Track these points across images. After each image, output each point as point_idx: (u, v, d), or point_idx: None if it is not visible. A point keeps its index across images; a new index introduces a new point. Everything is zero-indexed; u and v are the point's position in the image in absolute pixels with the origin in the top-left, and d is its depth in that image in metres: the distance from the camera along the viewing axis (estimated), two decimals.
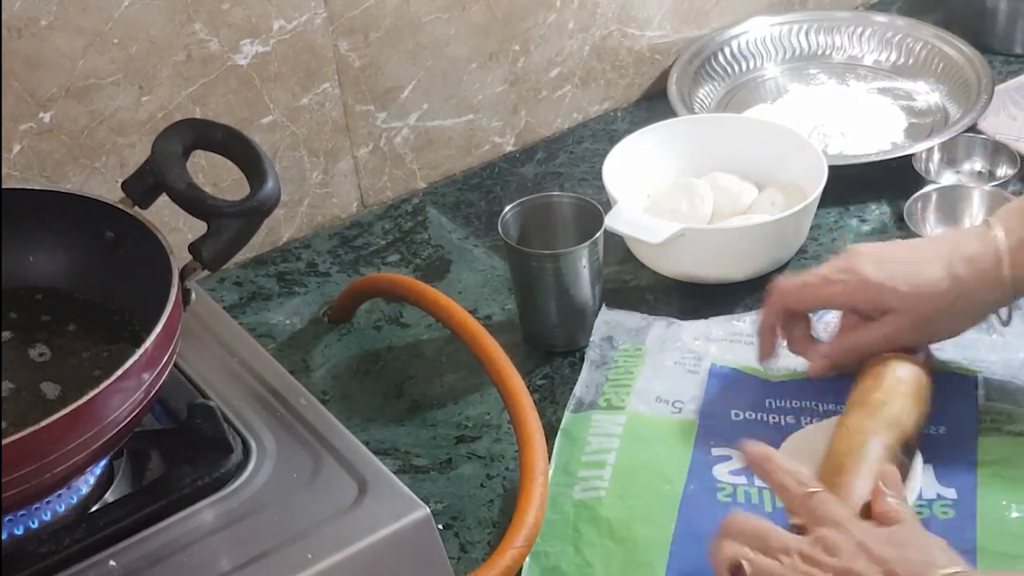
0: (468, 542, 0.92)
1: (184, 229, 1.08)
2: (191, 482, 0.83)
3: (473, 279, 1.18)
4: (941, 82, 1.37)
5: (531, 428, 0.91)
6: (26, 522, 0.81)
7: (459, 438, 1.01)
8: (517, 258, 1.05)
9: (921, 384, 0.91)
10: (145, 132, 1.10)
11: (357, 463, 0.85)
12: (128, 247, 0.89)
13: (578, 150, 1.35)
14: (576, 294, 1.05)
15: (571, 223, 1.08)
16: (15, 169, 1.06)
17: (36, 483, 0.75)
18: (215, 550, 0.80)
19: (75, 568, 0.79)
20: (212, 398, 0.89)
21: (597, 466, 0.94)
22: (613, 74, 1.38)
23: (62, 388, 0.85)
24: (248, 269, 1.21)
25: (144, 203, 0.89)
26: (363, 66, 1.20)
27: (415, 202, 1.29)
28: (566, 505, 0.91)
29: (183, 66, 1.10)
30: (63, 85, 1.05)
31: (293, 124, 1.19)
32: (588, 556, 0.87)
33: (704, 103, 1.37)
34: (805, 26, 1.45)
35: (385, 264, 1.21)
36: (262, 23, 1.13)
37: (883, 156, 1.24)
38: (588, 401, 1.00)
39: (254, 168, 0.87)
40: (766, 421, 0.96)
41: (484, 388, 1.04)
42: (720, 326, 1.06)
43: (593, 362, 1.04)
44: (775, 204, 1.15)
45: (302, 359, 1.10)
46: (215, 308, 1.02)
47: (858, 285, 0.92)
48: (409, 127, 1.27)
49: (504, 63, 1.30)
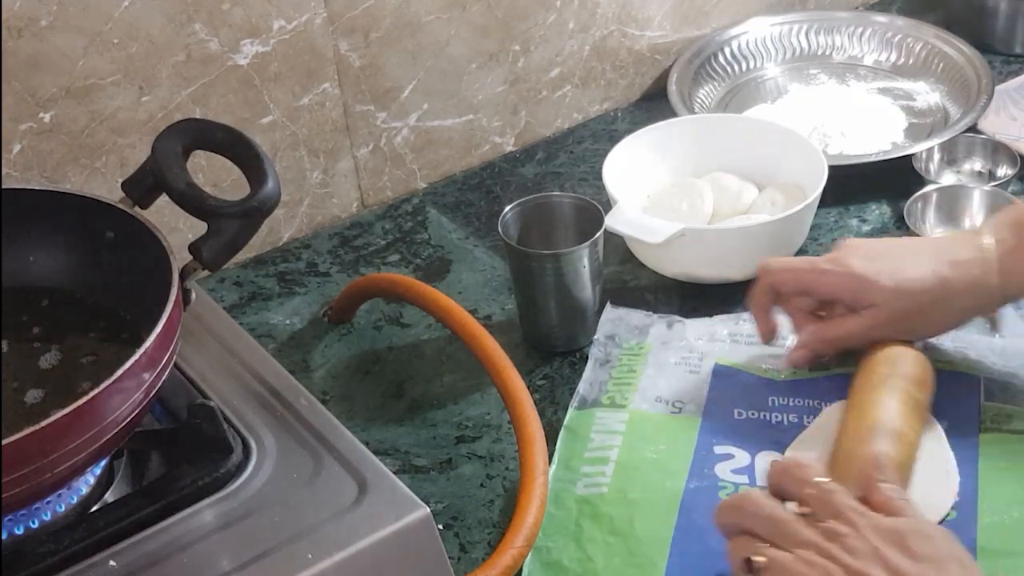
0: (468, 542, 0.92)
1: (184, 229, 1.08)
2: (191, 482, 0.83)
3: (473, 279, 1.18)
4: (941, 82, 1.37)
5: (531, 428, 0.91)
6: (26, 522, 0.81)
7: (459, 438, 1.01)
8: (517, 258, 1.05)
9: (919, 358, 0.92)
10: (145, 132, 1.10)
11: (357, 463, 0.84)
12: (128, 247, 0.89)
13: (578, 150, 1.35)
14: (576, 294, 1.05)
15: (571, 223, 1.08)
16: (15, 169, 1.06)
17: (36, 483, 0.75)
18: (215, 550, 0.80)
19: (75, 568, 0.79)
20: (212, 398, 0.89)
21: (600, 462, 0.94)
22: (613, 74, 1.38)
23: (62, 388, 0.85)
24: (248, 269, 1.21)
25: (144, 203, 0.89)
26: (363, 66, 1.20)
27: (415, 202, 1.29)
28: (568, 501, 0.91)
29: (183, 66, 1.10)
30: (63, 85, 1.05)
31: (293, 124, 1.19)
32: (589, 551, 0.87)
33: (704, 103, 1.37)
34: (805, 26, 1.45)
35: (385, 264, 1.21)
36: (262, 23, 1.13)
37: (883, 156, 1.24)
38: (592, 398, 1.00)
39: (254, 168, 0.87)
40: (768, 420, 0.96)
41: (484, 388, 1.04)
42: (724, 325, 1.06)
43: (597, 359, 1.04)
44: (775, 204, 1.15)
45: (302, 359, 1.10)
46: (215, 308, 1.02)
47: (843, 276, 0.93)
48: (409, 127, 1.27)
49: (504, 63, 1.30)
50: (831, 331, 0.96)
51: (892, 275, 0.92)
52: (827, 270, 0.94)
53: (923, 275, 0.92)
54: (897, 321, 0.93)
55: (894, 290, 0.92)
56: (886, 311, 0.92)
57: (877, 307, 0.93)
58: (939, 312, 0.93)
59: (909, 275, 0.92)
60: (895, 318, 0.93)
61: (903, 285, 0.92)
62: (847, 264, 0.94)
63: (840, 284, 0.94)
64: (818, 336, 0.97)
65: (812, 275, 0.95)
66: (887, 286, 0.92)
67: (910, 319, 0.93)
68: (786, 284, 0.97)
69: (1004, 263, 0.91)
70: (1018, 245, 0.91)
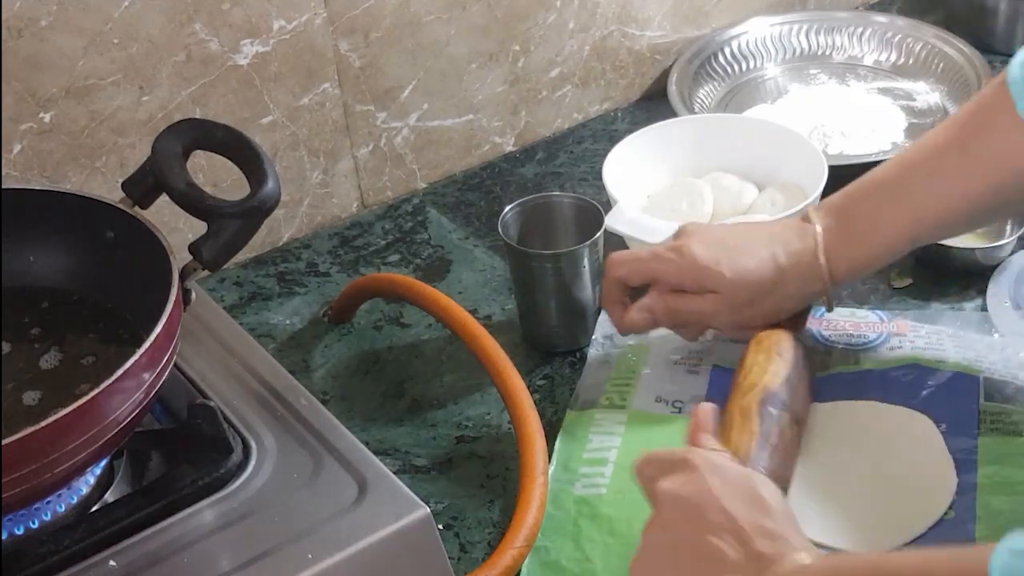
0: (468, 542, 0.92)
1: (184, 229, 1.08)
2: (191, 482, 0.83)
3: (473, 279, 1.18)
4: (941, 82, 1.37)
5: (531, 428, 0.91)
6: (26, 522, 0.81)
7: (459, 438, 1.01)
8: (517, 258, 1.05)
9: (779, 342, 0.94)
10: (145, 132, 1.10)
11: (357, 463, 0.85)
12: (128, 247, 0.89)
13: (578, 150, 1.35)
14: (576, 294, 1.05)
15: (571, 223, 1.08)
16: (15, 169, 1.06)
17: (36, 483, 0.75)
18: (215, 550, 0.80)
19: (75, 568, 0.79)
20: (212, 398, 0.89)
21: (598, 463, 0.94)
22: (613, 74, 1.38)
23: (61, 389, 0.85)
24: (248, 269, 1.21)
25: (144, 203, 0.89)
26: (363, 66, 1.20)
27: (415, 202, 1.29)
28: (567, 501, 0.91)
29: (183, 66, 1.10)
30: (63, 85, 1.05)
31: (293, 124, 1.19)
32: (588, 551, 0.88)
33: (704, 103, 1.37)
34: (805, 26, 1.45)
35: (385, 264, 1.21)
36: (262, 23, 1.13)
37: (883, 156, 1.23)
38: (590, 399, 1.00)
39: (254, 168, 0.87)
40: None
41: (484, 388, 1.04)
42: None
43: (595, 360, 1.04)
44: (775, 204, 1.15)
45: (302, 359, 1.10)
46: (215, 308, 1.02)
47: (685, 265, 0.97)
48: (409, 127, 1.27)
49: (504, 63, 1.30)
50: (675, 301, 0.98)
51: (731, 264, 0.95)
52: (669, 259, 0.97)
53: (760, 264, 0.95)
54: (737, 307, 0.96)
55: (735, 280, 0.95)
56: (727, 298, 0.96)
57: (718, 294, 0.96)
58: (777, 298, 0.97)
59: (747, 265, 0.95)
60: (736, 304, 0.96)
61: (744, 276, 0.95)
62: (689, 253, 0.96)
63: (682, 272, 0.97)
64: (662, 305, 0.99)
65: (654, 264, 0.98)
66: (729, 276, 0.95)
67: (750, 305, 0.96)
68: (632, 276, 1.00)
69: (829, 249, 0.95)
70: (841, 230, 0.95)
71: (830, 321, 1.04)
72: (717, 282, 0.96)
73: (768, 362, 0.92)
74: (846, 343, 1.02)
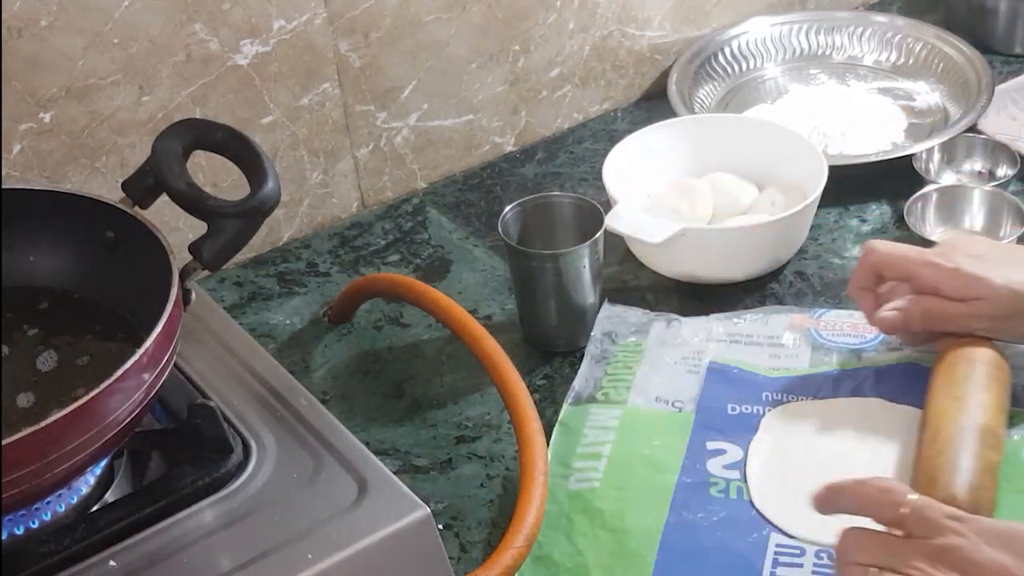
0: (468, 542, 0.92)
1: (184, 229, 1.08)
2: (191, 482, 0.83)
3: (473, 279, 1.18)
4: (941, 82, 1.37)
5: (531, 428, 0.91)
6: (26, 522, 0.81)
7: (459, 438, 1.01)
8: (517, 258, 1.05)
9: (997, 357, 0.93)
10: (145, 132, 1.10)
11: (357, 463, 0.84)
12: (128, 247, 0.89)
13: (578, 150, 1.35)
14: (576, 294, 1.05)
15: (571, 223, 1.08)
16: (15, 169, 1.06)
17: (36, 483, 0.75)
18: (215, 550, 0.80)
19: (75, 568, 0.79)
20: (212, 398, 0.89)
21: (593, 458, 0.94)
22: (613, 74, 1.38)
23: (60, 389, 0.85)
24: (248, 269, 1.21)
25: (144, 203, 0.89)
26: (363, 66, 1.20)
27: (415, 202, 1.29)
28: (560, 496, 0.91)
29: (183, 66, 1.10)
30: (63, 85, 1.05)
31: (293, 124, 1.19)
32: (580, 545, 0.88)
33: (704, 103, 1.37)
34: (805, 26, 1.45)
35: (385, 264, 1.21)
36: (262, 23, 1.13)
37: (883, 156, 1.24)
38: (586, 395, 1.00)
39: (254, 168, 0.87)
40: (761, 415, 0.96)
41: (484, 388, 1.04)
42: (721, 324, 1.06)
43: (593, 356, 1.04)
44: (775, 204, 1.15)
45: (302, 359, 1.10)
46: (215, 308, 1.02)
47: (951, 272, 0.94)
48: (409, 127, 1.27)
49: (504, 63, 1.30)
50: (933, 304, 0.95)
51: (1001, 275, 0.93)
52: (936, 263, 0.95)
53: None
54: (999, 319, 0.94)
55: (1003, 288, 0.93)
56: (991, 307, 0.93)
57: (984, 301, 0.93)
58: None
59: (1016, 277, 0.93)
60: (999, 315, 0.93)
61: (1012, 286, 0.93)
62: (955, 261, 0.94)
63: (949, 278, 0.94)
64: (920, 304, 0.96)
65: (918, 265, 0.96)
66: (997, 284, 0.93)
67: (1012, 319, 0.94)
68: (890, 268, 0.97)
69: None
70: None
71: (830, 321, 1.04)
72: (985, 288, 0.93)
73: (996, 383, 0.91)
74: (846, 343, 1.02)
